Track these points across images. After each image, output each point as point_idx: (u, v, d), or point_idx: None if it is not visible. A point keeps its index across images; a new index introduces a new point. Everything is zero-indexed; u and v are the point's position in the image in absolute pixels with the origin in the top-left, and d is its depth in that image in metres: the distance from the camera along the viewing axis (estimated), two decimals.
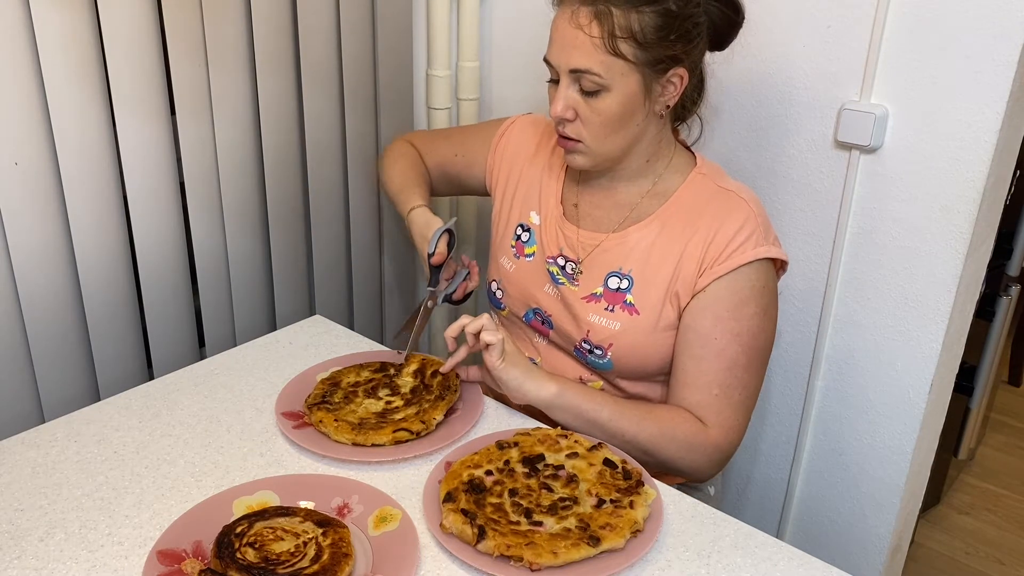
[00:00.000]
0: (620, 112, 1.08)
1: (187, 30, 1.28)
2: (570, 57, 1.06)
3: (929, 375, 1.34)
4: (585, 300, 1.19)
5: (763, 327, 1.13)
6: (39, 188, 1.19)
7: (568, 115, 1.09)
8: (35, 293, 1.22)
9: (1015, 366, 2.88)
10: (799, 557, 0.92)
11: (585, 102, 1.08)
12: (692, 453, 1.10)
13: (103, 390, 1.32)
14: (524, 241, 1.27)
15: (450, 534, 0.91)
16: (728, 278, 1.10)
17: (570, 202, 1.25)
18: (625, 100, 1.07)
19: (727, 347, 1.11)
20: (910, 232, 1.30)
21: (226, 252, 1.45)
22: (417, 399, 1.14)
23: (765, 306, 1.13)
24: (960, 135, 1.21)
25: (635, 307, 1.16)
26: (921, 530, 2.16)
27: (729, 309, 1.11)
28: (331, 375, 1.20)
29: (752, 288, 1.11)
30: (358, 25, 1.52)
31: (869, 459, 1.44)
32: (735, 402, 1.13)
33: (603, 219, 1.21)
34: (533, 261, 1.25)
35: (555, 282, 1.22)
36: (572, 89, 1.08)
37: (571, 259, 1.21)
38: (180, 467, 1.03)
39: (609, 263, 1.18)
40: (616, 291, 1.17)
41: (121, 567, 0.87)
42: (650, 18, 1.03)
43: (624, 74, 1.05)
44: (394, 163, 1.41)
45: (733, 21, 1.13)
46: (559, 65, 1.08)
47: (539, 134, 1.32)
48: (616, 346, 1.16)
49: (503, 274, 1.29)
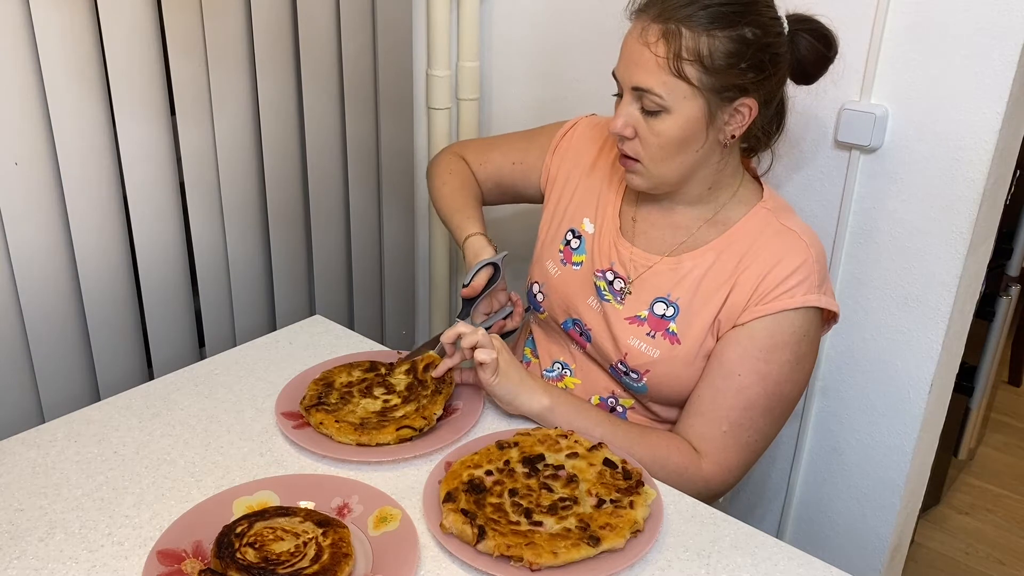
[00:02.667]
0: (680, 136, 1.04)
1: (187, 30, 1.28)
2: (634, 74, 1.03)
3: (929, 375, 1.34)
4: (628, 321, 1.16)
5: (792, 377, 1.09)
6: (39, 188, 1.19)
7: (627, 132, 1.07)
8: (35, 293, 1.22)
9: (1015, 366, 2.89)
10: (799, 557, 0.92)
11: (645, 122, 1.05)
12: (681, 483, 1.06)
13: (103, 390, 1.32)
14: (573, 248, 1.24)
15: (450, 534, 0.91)
16: (769, 319, 1.07)
17: (628, 216, 1.21)
18: (686, 124, 1.03)
19: (750, 387, 1.07)
20: (910, 232, 1.30)
21: (226, 252, 1.45)
22: (414, 396, 1.14)
23: (800, 356, 1.08)
24: (960, 135, 1.21)
25: (677, 336, 1.12)
26: (921, 530, 2.16)
27: (762, 350, 1.07)
28: (322, 376, 1.19)
29: (792, 335, 1.07)
30: (358, 25, 1.52)
31: (869, 459, 1.44)
32: (742, 443, 1.09)
33: (658, 240, 1.17)
34: (581, 271, 1.22)
35: (600, 297, 1.19)
36: (634, 107, 1.05)
37: (621, 276, 1.18)
38: (180, 467, 1.03)
39: (658, 287, 1.15)
40: (661, 318, 1.13)
41: (121, 567, 0.87)
42: (722, 43, 0.99)
43: (687, 98, 1.02)
44: (445, 182, 1.37)
45: (824, 56, 1.08)
46: (623, 80, 1.06)
47: (602, 139, 1.28)
48: (653, 373, 1.14)
49: (547, 278, 1.26)
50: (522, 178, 1.35)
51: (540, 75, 1.69)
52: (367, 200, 1.65)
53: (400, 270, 1.80)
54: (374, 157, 1.65)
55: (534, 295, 1.29)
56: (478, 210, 1.33)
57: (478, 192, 1.37)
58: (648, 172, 1.09)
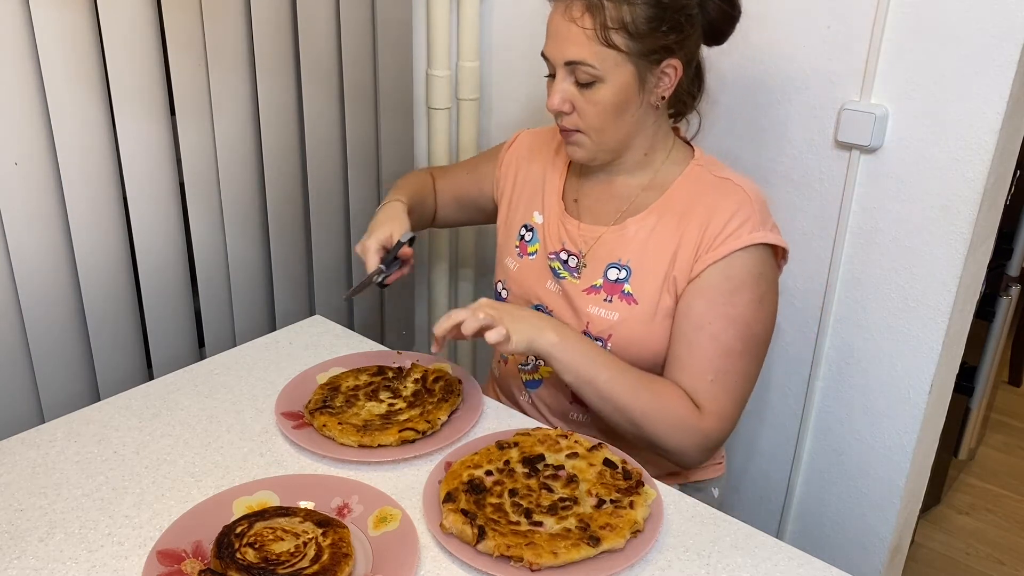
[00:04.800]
0: (615, 102, 1.09)
1: (187, 30, 1.28)
2: (565, 50, 1.07)
3: (929, 375, 1.34)
4: (586, 292, 1.19)
5: (759, 316, 1.12)
6: (39, 188, 1.19)
7: (565, 107, 1.11)
8: (35, 293, 1.22)
9: (1015, 366, 2.89)
10: (799, 557, 0.92)
11: (581, 94, 1.09)
12: (681, 434, 1.09)
13: (103, 390, 1.32)
14: (527, 240, 1.28)
15: (450, 534, 0.90)
16: (722, 264, 1.10)
17: (571, 197, 1.26)
18: (619, 90, 1.08)
19: (723, 332, 1.10)
20: (910, 232, 1.29)
21: (226, 252, 1.45)
22: (420, 401, 1.14)
23: (762, 294, 1.12)
24: (960, 135, 1.21)
25: (633, 297, 1.16)
26: (921, 530, 2.16)
27: (724, 294, 1.10)
28: (329, 380, 1.19)
29: (748, 274, 1.10)
30: (358, 25, 1.52)
31: (869, 459, 1.44)
32: (729, 389, 1.11)
33: (603, 212, 1.22)
34: (536, 259, 1.26)
35: (557, 277, 1.23)
36: (568, 82, 1.10)
37: (574, 253, 1.22)
38: (180, 467, 1.03)
39: (608, 255, 1.19)
40: (615, 282, 1.17)
41: (121, 567, 0.87)
42: (641, 9, 1.04)
43: (618, 64, 1.07)
44: (402, 179, 1.42)
45: (729, 15, 1.13)
46: (554, 58, 1.10)
47: (540, 140, 1.34)
48: (616, 336, 1.16)
49: (507, 274, 1.30)
50: (477, 190, 1.39)
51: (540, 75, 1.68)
52: (367, 200, 1.65)
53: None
54: (374, 157, 1.65)
55: (499, 293, 1.33)
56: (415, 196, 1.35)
57: (427, 193, 1.40)
58: (589, 142, 1.13)
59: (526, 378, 1.28)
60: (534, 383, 1.27)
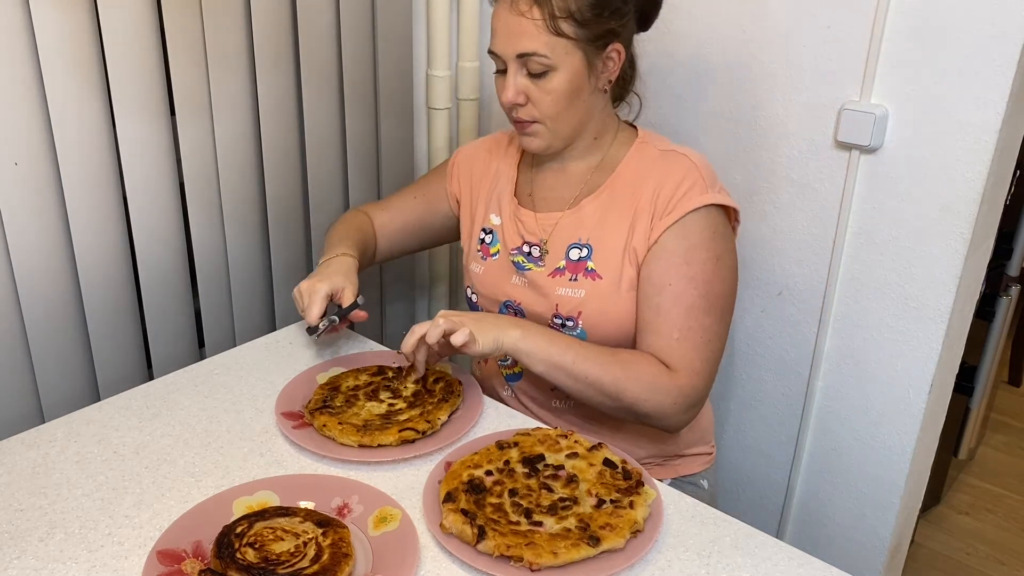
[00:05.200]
0: (568, 89, 1.13)
1: (187, 30, 1.28)
2: (516, 43, 1.10)
3: (929, 375, 1.34)
4: (551, 276, 1.22)
5: (718, 273, 1.15)
6: (39, 188, 1.19)
7: (520, 100, 1.14)
8: (35, 293, 1.22)
9: (1015, 366, 2.89)
10: (799, 557, 0.92)
11: (534, 85, 1.13)
12: (657, 395, 1.11)
13: (103, 390, 1.32)
14: (488, 243, 1.31)
15: (450, 534, 0.91)
16: (676, 227, 1.14)
17: (525, 192, 1.29)
18: (571, 77, 1.12)
19: (683, 292, 1.13)
20: (910, 232, 1.30)
21: (226, 252, 1.45)
22: (420, 402, 1.14)
23: (718, 253, 1.15)
24: (960, 135, 1.21)
25: (596, 272, 1.19)
26: (921, 530, 2.16)
27: (680, 255, 1.14)
28: (329, 380, 1.20)
29: (701, 234, 1.14)
30: (358, 25, 1.52)
31: (869, 459, 1.44)
32: (697, 345, 1.14)
33: (557, 199, 1.25)
34: (499, 259, 1.29)
35: (521, 270, 1.25)
36: (520, 75, 1.13)
37: (535, 243, 1.25)
38: (180, 467, 1.03)
39: (568, 236, 1.22)
40: (577, 261, 1.20)
41: (121, 567, 0.87)
42: None
43: (568, 52, 1.10)
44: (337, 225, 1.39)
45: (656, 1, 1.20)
46: (505, 54, 1.13)
47: (482, 150, 1.37)
48: (585, 313, 1.19)
49: (474, 279, 1.32)
50: (429, 211, 1.40)
51: None
52: (367, 200, 1.65)
53: (400, 270, 1.80)
54: (374, 157, 1.65)
55: (469, 297, 1.35)
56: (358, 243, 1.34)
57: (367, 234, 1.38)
58: (545, 131, 1.17)
59: (506, 372, 1.30)
60: (514, 376, 1.30)
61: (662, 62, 1.48)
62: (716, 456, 1.37)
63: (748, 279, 1.49)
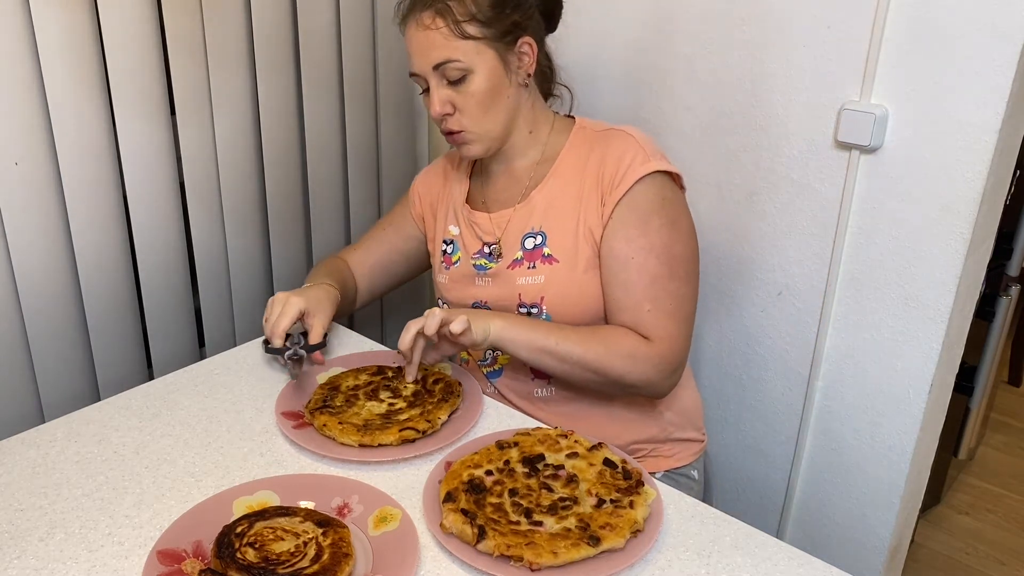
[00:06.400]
0: (488, 88, 1.17)
1: (187, 30, 1.28)
2: (430, 56, 1.15)
3: (929, 375, 1.34)
4: (510, 268, 1.25)
5: (676, 238, 1.18)
6: (39, 188, 1.19)
7: (447, 109, 1.18)
8: (35, 293, 1.22)
9: (1015, 366, 2.89)
10: (799, 557, 0.92)
11: (457, 92, 1.17)
12: (639, 365, 1.15)
13: (103, 390, 1.32)
14: (449, 253, 1.34)
15: (450, 534, 0.91)
16: (627, 199, 1.17)
17: (479, 200, 1.32)
18: (490, 75, 1.16)
19: (645, 262, 1.16)
20: (910, 232, 1.29)
21: (226, 252, 1.45)
22: (420, 401, 1.14)
23: (673, 218, 1.18)
24: (960, 135, 1.21)
25: (553, 257, 1.22)
26: (921, 530, 2.16)
27: (636, 226, 1.17)
28: (329, 379, 1.20)
29: (652, 202, 1.17)
30: (358, 25, 1.52)
31: (869, 459, 1.44)
32: (668, 312, 1.17)
33: (508, 198, 1.29)
34: (460, 266, 1.32)
35: (483, 271, 1.28)
36: (441, 86, 1.17)
37: (491, 243, 1.28)
38: (180, 467, 1.03)
39: (521, 228, 1.25)
40: (533, 249, 1.24)
41: (121, 567, 0.87)
42: None
43: (479, 52, 1.15)
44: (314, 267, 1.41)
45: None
46: (423, 70, 1.17)
47: (440, 169, 1.41)
48: (548, 297, 1.21)
49: (441, 289, 1.36)
50: (399, 237, 1.43)
51: None
52: (367, 200, 1.66)
53: None
54: (374, 157, 1.65)
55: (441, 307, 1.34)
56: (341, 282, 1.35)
57: (351, 280, 1.39)
58: (477, 134, 1.21)
59: (487, 370, 1.32)
60: (495, 373, 1.31)
61: (662, 62, 1.48)
62: (713, 451, 1.38)
63: (748, 279, 1.49)
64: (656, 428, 1.30)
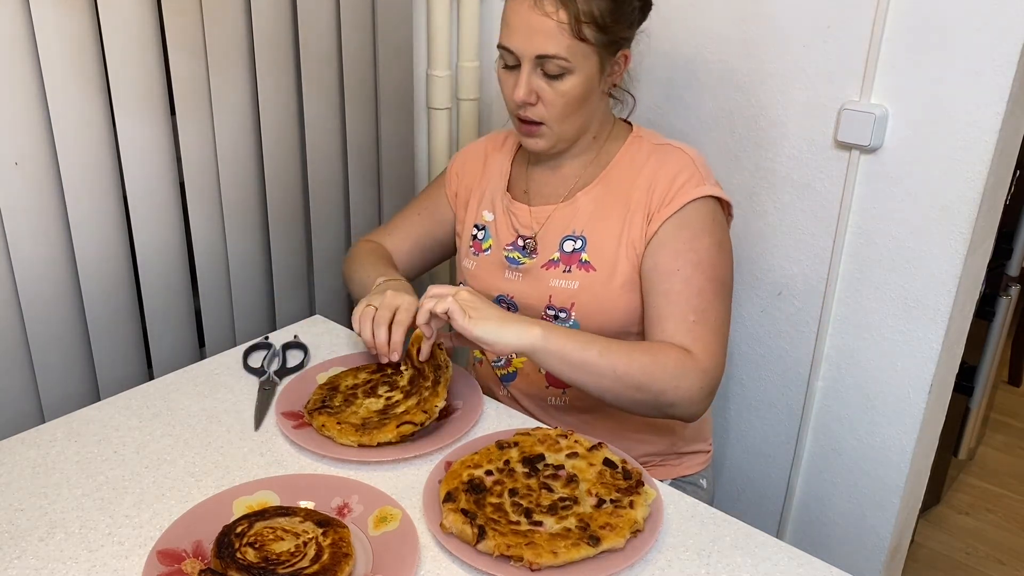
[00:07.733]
0: (581, 93, 1.13)
1: (187, 30, 1.28)
2: (537, 44, 1.10)
3: (929, 375, 1.34)
4: (544, 268, 1.23)
5: (721, 259, 1.16)
6: (39, 188, 1.19)
7: (531, 99, 1.14)
8: (35, 293, 1.22)
9: (1015, 366, 2.89)
10: (799, 557, 0.92)
11: (548, 86, 1.13)
12: (684, 380, 1.08)
13: (103, 390, 1.32)
14: (480, 239, 1.31)
15: (450, 534, 0.91)
16: (677, 217, 1.15)
17: (520, 189, 1.29)
18: (586, 81, 1.13)
19: (692, 276, 1.13)
20: (910, 232, 1.30)
21: (226, 252, 1.45)
22: (416, 388, 1.14)
23: (719, 240, 1.17)
24: (960, 135, 1.21)
25: (591, 264, 1.20)
26: (921, 530, 2.16)
27: (685, 242, 1.15)
28: (329, 379, 1.19)
29: (703, 222, 1.15)
30: (358, 25, 1.52)
31: (869, 459, 1.44)
32: (712, 326, 1.13)
33: (552, 193, 1.26)
34: (491, 255, 1.29)
35: (515, 265, 1.26)
36: (535, 75, 1.12)
37: (527, 236, 1.25)
38: (180, 467, 1.03)
39: (562, 228, 1.23)
40: (571, 253, 1.21)
41: (121, 567, 0.87)
42: (605, 4, 1.09)
43: (587, 56, 1.11)
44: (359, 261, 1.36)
45: (648, 7, 1.22)
46: (522, 51, 1.11)
47: (482, 148, 1.37)
48: (578, 304, 1.19)
49: (467, 275, 1.33)
50: (436, 222, 1.39)
51: None
52: (367, 200, 1.65)
53: None
54: (374, 157, 1.65)
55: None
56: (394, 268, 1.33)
57: (390, 261, 1.37)
58: (552, 132, 1.17)
59: (501, 373, 1.30)
60: (509, 376, 1.29)
61: (662, 62, 1.48)
62: (715, 455, 1.37)
63: (748, 279, 1.49)
64: (667, 443, 1.29)
